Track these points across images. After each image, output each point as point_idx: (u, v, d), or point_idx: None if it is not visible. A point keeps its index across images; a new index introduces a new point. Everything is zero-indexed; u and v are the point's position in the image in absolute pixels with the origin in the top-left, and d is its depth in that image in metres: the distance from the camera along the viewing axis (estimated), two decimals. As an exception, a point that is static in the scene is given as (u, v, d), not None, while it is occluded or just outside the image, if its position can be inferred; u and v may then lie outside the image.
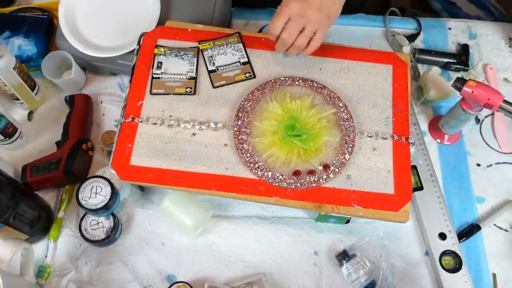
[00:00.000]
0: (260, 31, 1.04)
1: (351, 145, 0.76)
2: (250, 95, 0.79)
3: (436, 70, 0.96)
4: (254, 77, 0.81)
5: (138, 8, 0.93)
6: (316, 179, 0.73)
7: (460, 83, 0.80)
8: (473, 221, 0.87)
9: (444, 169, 0.92)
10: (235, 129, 0.76)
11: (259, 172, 0.73)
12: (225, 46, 0.84)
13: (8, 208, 0.73)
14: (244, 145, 0.75)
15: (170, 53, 0.82)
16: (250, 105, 0.78)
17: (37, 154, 0.90)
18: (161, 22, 0.89)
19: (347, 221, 0.83)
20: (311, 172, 0.73)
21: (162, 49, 0.82)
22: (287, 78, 0.81)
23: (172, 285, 0.77)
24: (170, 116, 0.78)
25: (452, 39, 1.07)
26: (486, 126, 0.97)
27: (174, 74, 0.81)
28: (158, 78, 0.80)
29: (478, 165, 0.93)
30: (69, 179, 0.85)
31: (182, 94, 0.79)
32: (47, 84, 0.97)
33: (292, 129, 0.75)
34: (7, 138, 0.87)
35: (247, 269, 0.82)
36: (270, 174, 0.73)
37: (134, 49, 0.83)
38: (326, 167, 0.74)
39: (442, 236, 0.84)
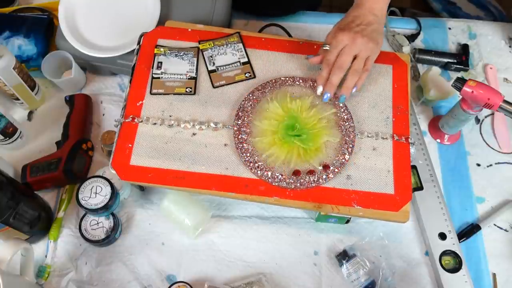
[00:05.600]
0: (260, 31, 1.04)
1: (351, 145, 0.76)
2: (250, 95, 0.79)
3: (436, 70, 0.96)
4: (254, 77, 0.82)
5: (138, 8, 0.93)
6: (315, 179, 0.73)
7: (460, 83, 0.80)
8: (473, 221, 0.87)
9: (444, 169, 0.92)
10: (235, 128, 0.76)
11: (259, 172, 0.73)
12: (225, 46, 0.84)
13: (8, 208, 0.73)
14: (244, 145, 0.75)
15: (170, 53, 0.82)
16: (251, 105, 0.78)
17: (37, 154, 0.89)
18: (161, 22, 0.89)
19: (347, 221, 0.83)
20: (311, 172, 0.74)
21: (162, 49, 0.82)
22: (287, 78, 0.81)
23: (172, 285, 0.77)
24: (170, 116, 0.78)
25: (452, 39, 1.07)
26: (486, 126, 0.97)
27: (174, 74, 0.81)
28: (158, 78, 0.80)
29: (478, 165, 0.93)
30: (69, 179, 0.85)
31: (182, 94, 0.79)
32: (47, 84, 0.97)
33: (292, 129, 0.75)
34: (7, 138, 0.87)
35: (247, 269, 0.82)
36: (269, 173, 0.73)
37: (134, 49, 0.83)
38: (326, 167, 0.74)
39: (442, 236, 0.84)
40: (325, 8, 1.16)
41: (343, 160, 0.75)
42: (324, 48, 0.76)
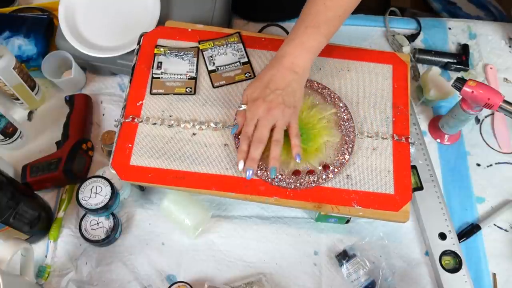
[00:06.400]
0: (260, 31, 1.04)
1: (351, 145, 0.76)
2: (250, 95, 0.79)
3: (436, 70, 0.96)
4: (254, 77, 0.81)
5: (138, 8, 0.93)
6: (315, 179, 0.73)
7: (460, 83, 0.80)
8: (473, 221, 0.87)
9: (444, 169, 0.92)
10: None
11: (259, 172, 0.73)
12: (225, 46, 0.84)
13: (8, 208, 0.73)
14: (244, 145, 0.75)
15: (170, 53, 0.82)
16: (250, 105, 0.78)
17: (37, 154, 0.89)
18: (161, 22, 0.89)
19: (347, 221, 0.83)
20: (311, 172, 0.74)
21: (162, 49, 0.82)
22: (287, 78, 0.81)
23: (172, 285, 0.77)
24: (170, 116, 0.78)
25: (452, 39, 1.07)
26: (486, 126, 0.97)
27: (174, 74, 0.81)
28: (158, 78, 0.80)
29: (478, 165, 0.93)
30: (69, 179, 0.85)
31: (182, 94, 0.79)
32: (47, 84, 0.97)
33: (292, 129, 0.75)
34: (7, 138, 0.87)
35: (247, 269, 0.82)
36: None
37: (134, 49, 0.83)
38: (325, 167, 0.74)
39: (442, 236, 0.84)
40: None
41: (343, 160, 0.75)
42: (240, 109, 0.72)
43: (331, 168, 0.74)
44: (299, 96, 0.71)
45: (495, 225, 0.87)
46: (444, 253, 0.82)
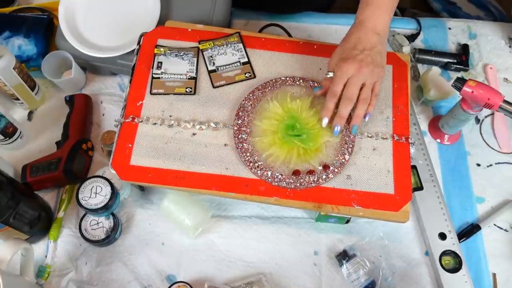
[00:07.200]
0: (260, 31, 1.04)
1: (351, 145, 0.76)
2: (250, 95, 0.79)
3: (436, 70, 0.96)
4: (254, 77, 0.82)
5: (138, 8, 0.93)
6: (315, 179, 0.73)
7: (460, 83, 0.80)
8: (473, 221, 0.87)
9: (444, 169, 0.92)
10: (235, 128, 0.76)
11: (259, 172, 0.73)
12: (225, 46, 0.84)
13: (8, 208, 0.73)
14: (244, 144, 0.75)
15: (170, 53, 0.82)
16: (251, 105, 0.78)
17: (37, 154, 0.89)
18: (161, 22, 0.89)
19: (347, 221, 0.83)
20: (311, 172, 0.74)
21: (162, 49, 0.82)
22: (287, 78, 0.81)
23: (172, 285, 0.77)
24: (170, 116, 0.78)
25: (452, 39, 1.07)
26: (486, 126, 0.97)
27: (174, 74, 0.81)
28: (158, 78, 0.80)
29: (478, 165, 0.93)
30: (69, 179, 0.85)
31: (182, 94, 0.80)
32: (47, 84, 0.97)
33: (292, 129, 0.75)
34: (7, 138, 0.87)
35: (247, 269, 0.82)
36: (269, 173, 0.73)
37: (134, 49, 0.83)
38: (325, 167, 0.74)
39: (442, 236, 0.84)
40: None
41: (343, 160, 0.75)
42: (327, 76, 0.74)
43: (331, 168, 0.74)
44: (384, 55, 0.74)
45: (495, 225, 0.87)
46: (444, 253, 0.82)
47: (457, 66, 1.01)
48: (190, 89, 0.80)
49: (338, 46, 0.75)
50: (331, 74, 0.74)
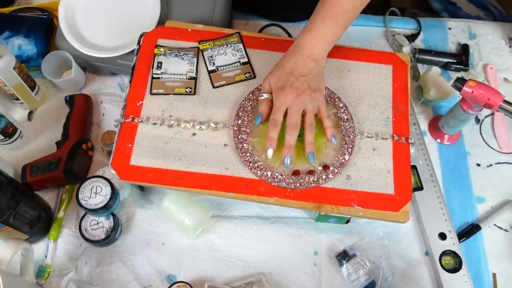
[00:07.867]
0: (260, 31, 1.04)
1: (351, 146, 0.76)
2: (250, 95, 0.79)
3: (436, 70, 0.96)
4: (254, 77, 0.82)
5: (138, 8, 0.93)
6: (315, 179, 0.73)
7: (460, 83, 0.80)
8: (473, 221, 0.87)
9: (444, 169, 0.92)
10: (235, 128, 0.76)
11: (259, 172, 0.73)
12: (225, 46, 0.84)
13: (8, 208, 0.73)
14: (244, 145, 0.75)
15: (170, 53, 0.82)
16: (251, 105, 0.78)
17: (37, 154, 0.89)
18: (161, 22, 0.89)
19: (347, 221, 0.83)
20: (311, 172, 0.74)
21: (162, 49, 0.82)
22: (287, 78, 0.81)
23: (172, 285, 0.77)
24: (170, 116, 0.78)
25: (452, 39, 1.07)
26: (486, 126, 0.97)
27: (174, 74, 0.81)
28: (158, 78, 0.80)
29: (478, 165, 0.93)
30: (69, 179, 0.85)
31: (182, 94, 0.80)
32: (47, 84, 0.97)
33: (292, 129, 0.75)
34: (7, 138, 0.87)
35: (247, 269, 0.82)
36: (269, 173, 0.73)
37: (134, 49, 0.83)
38: (325, 167, 0.74)
39: (442, 236, 0.84)
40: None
41: (343, 160, 0.75)
42: (262, 97, 0.73)
43: (331, 168, 0.74)
44: (321, 79, 0.74)
45: (495, 225, 0.87)
46: (444, 253, 0.82)
47: (457, 66, 1.01)
48: (190, 89, 0.80)
49: (274, 67, 0.74)
50: (265, 96, 0.73)
